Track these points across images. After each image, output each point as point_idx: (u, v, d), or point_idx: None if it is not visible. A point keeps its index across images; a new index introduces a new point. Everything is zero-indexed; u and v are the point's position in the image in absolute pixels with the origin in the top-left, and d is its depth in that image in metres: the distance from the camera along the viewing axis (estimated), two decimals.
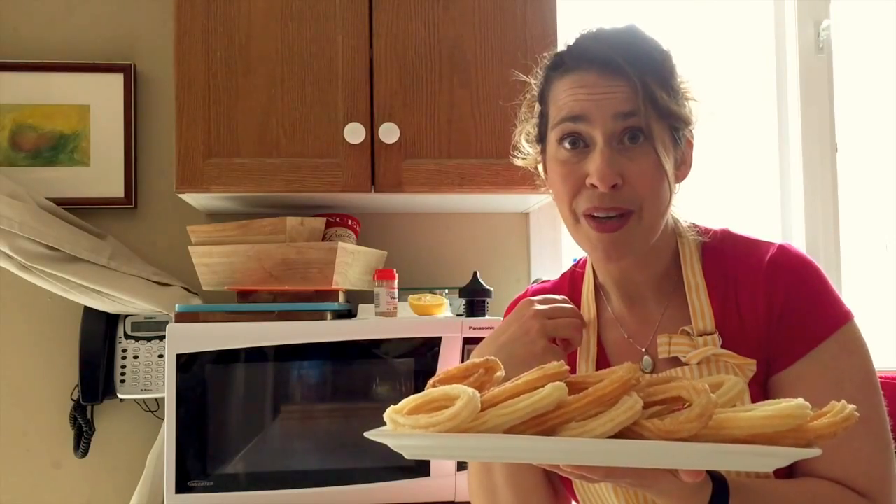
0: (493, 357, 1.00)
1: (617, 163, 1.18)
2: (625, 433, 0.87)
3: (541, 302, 1.33)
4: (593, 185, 1.19)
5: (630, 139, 1.19)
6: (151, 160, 2.36)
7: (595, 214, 1.21)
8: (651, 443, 0.86)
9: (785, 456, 0.86)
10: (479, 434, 0.86)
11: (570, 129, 1.22)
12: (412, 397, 0.92)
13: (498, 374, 0.98)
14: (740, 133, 2.66)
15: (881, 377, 1.23)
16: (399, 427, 0.90)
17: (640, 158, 1.19)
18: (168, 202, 2.33)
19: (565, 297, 1.37)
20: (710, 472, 1.04)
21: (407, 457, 0.91)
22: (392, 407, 0.92)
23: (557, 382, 0.88)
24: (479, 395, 0.87)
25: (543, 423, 0.87)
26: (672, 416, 0.87)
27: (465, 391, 0.87)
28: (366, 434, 0.91)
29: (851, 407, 0.89)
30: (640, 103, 1.17)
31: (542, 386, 0.87)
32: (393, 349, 1.94)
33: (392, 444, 0.90)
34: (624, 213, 1.20)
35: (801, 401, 0.87)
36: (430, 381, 0.99)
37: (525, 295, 1.50)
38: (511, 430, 0.87)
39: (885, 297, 2.67)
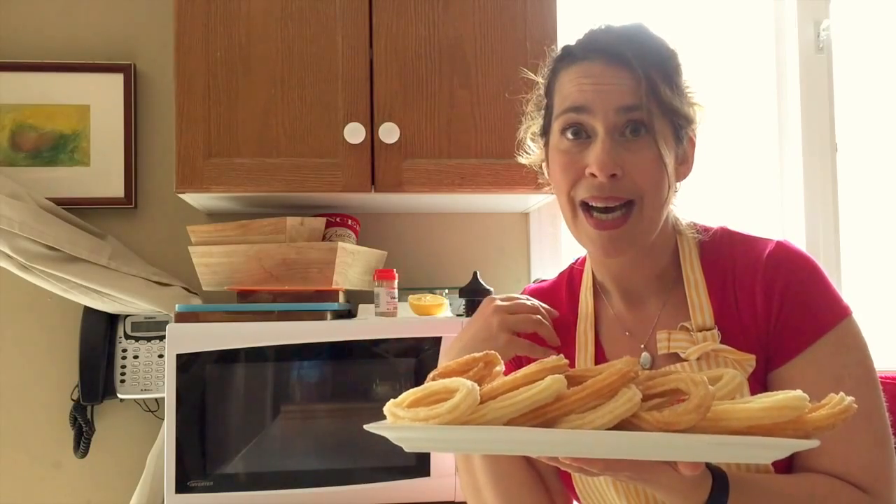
0: (492, 351, 1.00)
1: (617, 154, 1.19)
2: (624, 425, 0.87)
3: (502, 299, 1.36)
4: (592, 175, 1.19)
5: (632, 132, 1.20)
6: (151, 160, 2.36)
7: (592, 204, 1.22)
8: (649, 434, 0.86)
9: (783, 447, 0.86)
10: (478, 426, 0.86)
11: (573, 119, 1.23)
12: (412, 390, 0.92)
13: (497, 368, 0.99)
14: (740, 133, 2.65)
15: (881, 377, 1.23)
16: (399, 420, 0.90)
17: (641, 151, 1.19)
18: (168, 202, 2.33)
19: (529, 297, 1.40)
20: (709, 467, 1.04)
21: (407, 449, 0.91)
22: (392, 400, 0.92)
23: (556, 375, 0.88)
24: (478, 387, 0.87)
25: (542, 416, 0.88)
26: (670, 408, 0.87)
27: (464, 384, 0.87)
28: (366, 427, 0.91)
29: (850, 399, 0.89)
30: (643, 97, 1.18)
31: (542, 379, 0.88)
32: (393, 349, 1.93)
33: (392, 436, 0.90)
34: (624, 204, 1.21)
35: (799, 392, 0.88)
36: (430, 375, 0.99)
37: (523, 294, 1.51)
38: (510, 423, 0.87)
39: (885, 296, 2.67)
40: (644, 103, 1.18)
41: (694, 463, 0.91)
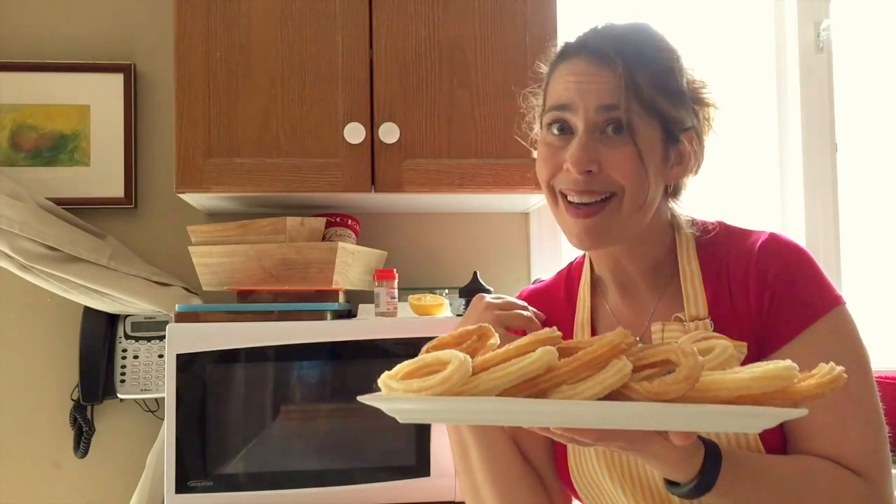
0: (486, 324, 1.01)
1: (593, 150, 1.22)
2: (614, 396, 0.87)
3: (492, 298, 1.40)
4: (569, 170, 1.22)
5: (613, 130, 1.22)
6: (151, 160, 2.37)
7: (571, 198, 1.24)
8: (638, 404, 0.86)
9: (772, 416, 0.86)
10: (470, 397, 0.86)
11: (557, 116, 1.26)
12: (406, 363, 0.92)
13: (491, 341, 0.99)
14: (740, 132, 2.66)
15: (881, 377, 1.24)
16: (392, 392, 0.91)
17: (619, 147, 1.22)
18: (168, 202, 2.33)
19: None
20: (702, 439, 1.04)
21: (401, 420, 0.92)
22: (386, 372, 0.93)
23: (548, 346, 0.88)
24: (470, 359, 0.88)
25: (534, 387, 0.88)
26: (660, 378, 0.87)
27: (456, 355, 0.87)
28: (359, 398, 0.92)
29: (840, 368, 0.89)
30: (622, 97, 1.20)
31: (534, 350, 0.88)
32: (393, 349, 1.93)
33: (385, 407, 0.91)
34: (604, 198, 1.23)
35: (788, 362, 0.88)
36: (424, 348, 0.99)
37: (520, 296, 1.52)
38: (502, 394, 0.88)
39: (884, 295, 2.67)
40: (622, 103, 1.20)
41: (685, 433, 0.91)
